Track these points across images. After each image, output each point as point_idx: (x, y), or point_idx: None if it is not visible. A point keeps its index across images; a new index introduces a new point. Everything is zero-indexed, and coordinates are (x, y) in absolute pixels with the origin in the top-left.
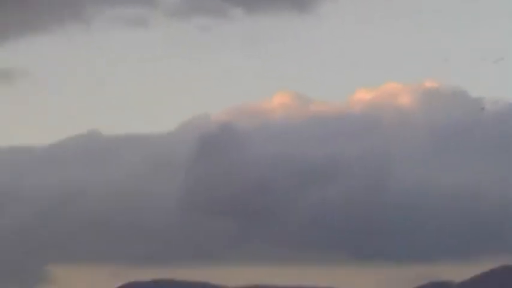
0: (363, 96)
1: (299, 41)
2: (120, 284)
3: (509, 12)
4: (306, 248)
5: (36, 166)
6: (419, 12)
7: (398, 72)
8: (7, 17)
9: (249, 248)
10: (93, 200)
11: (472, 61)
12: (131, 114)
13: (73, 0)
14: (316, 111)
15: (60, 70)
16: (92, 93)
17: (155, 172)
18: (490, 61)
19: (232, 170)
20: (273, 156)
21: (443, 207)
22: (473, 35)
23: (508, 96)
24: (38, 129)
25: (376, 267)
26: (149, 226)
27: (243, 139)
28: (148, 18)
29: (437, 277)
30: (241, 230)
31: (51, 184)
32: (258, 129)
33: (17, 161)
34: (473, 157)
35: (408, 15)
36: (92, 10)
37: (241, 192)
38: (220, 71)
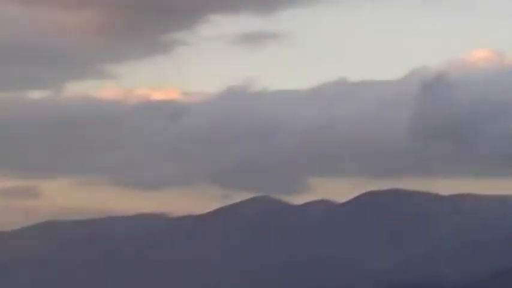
0: None
1: (497, 7)
2: (361, 192)
3: None
4: (497, 165)
5: (300, 105)
6: None
7: None
8: None
9: (457, 164)
10: (342, 129)
11: None
12: (370, 65)
13: None
14: (508, 63)
15: (316, 33)
16: (341, 48)
17: (388, 110)
18: None
19: (445, 108)
20: (473, 98)
21: None
22: None
23: None
24: (301, 77)
25: None
26: (385, 148)
27: (453, 85)
28: None
29: None
30: (451, 151)
31: (311, 119)
32: (464, 77)
33: (285, 100)
34: None
35: None
36: None
37: (451, 123)
38: (436, 31)
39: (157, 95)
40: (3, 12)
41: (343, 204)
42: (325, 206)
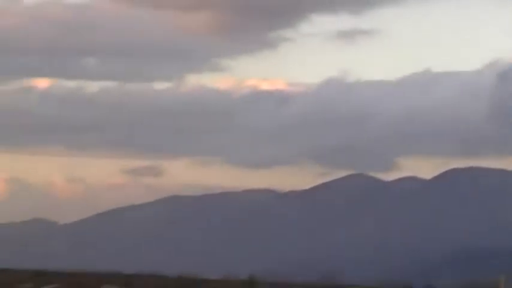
0: None
1: None
2: (443, 170)
3: None
4: None
5: (390, 93)
6: None
7: None
8: None
9: None
10: (427, 114)
11: None
12: (452, 58)
13: None
14: None
15: (404, 28)
16: (426, 42)
17: (467, 97)
18: None
19: None
20: None
21: None
22: None
23: None
24: (390, 69)
25: None
26: (465, 131)
27: None
28: None
29: None
30: None
31: (399, 105)
32: None
33: (376, 89)
34: None
35: None
36: None
37: None
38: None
39: (265, 86)
40: (140, 15)
41: (430, 180)
42: (414, 182)
